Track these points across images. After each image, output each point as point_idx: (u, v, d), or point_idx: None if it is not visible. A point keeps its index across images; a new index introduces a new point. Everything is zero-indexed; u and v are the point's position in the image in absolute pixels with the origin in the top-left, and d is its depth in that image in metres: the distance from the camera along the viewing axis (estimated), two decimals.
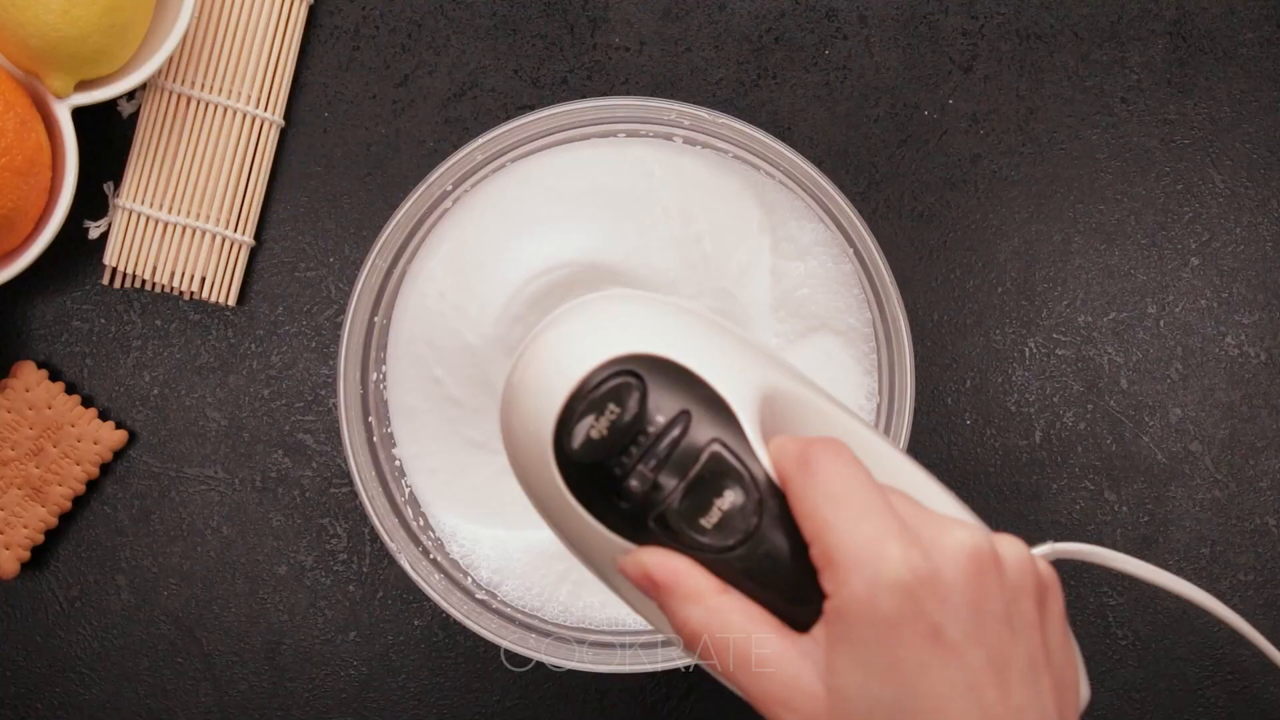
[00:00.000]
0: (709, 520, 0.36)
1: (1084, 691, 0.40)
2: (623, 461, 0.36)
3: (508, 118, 0.58)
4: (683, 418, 0.36)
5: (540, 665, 0.59)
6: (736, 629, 0.35)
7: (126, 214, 0.60)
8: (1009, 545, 0.36)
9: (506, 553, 0.57)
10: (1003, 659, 0.34)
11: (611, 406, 0.36)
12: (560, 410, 0.37)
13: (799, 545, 0.36)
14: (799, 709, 0.35)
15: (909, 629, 0.33)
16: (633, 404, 0.36)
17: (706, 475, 0.36)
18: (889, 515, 0.35)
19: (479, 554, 0.57)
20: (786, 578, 0.36)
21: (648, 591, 0.37)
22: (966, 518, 0.39)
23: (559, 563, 0.56)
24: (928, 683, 0.33)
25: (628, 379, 0.37)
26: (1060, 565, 0.60)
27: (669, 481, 0.36)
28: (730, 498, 0.36)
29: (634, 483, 0.36)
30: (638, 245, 0.55)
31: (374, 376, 0.56)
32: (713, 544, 0.36)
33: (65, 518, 0.61)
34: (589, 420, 0.37)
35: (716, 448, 0.36)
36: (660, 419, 0.36)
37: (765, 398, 0.38)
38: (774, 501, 0.36)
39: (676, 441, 0.36)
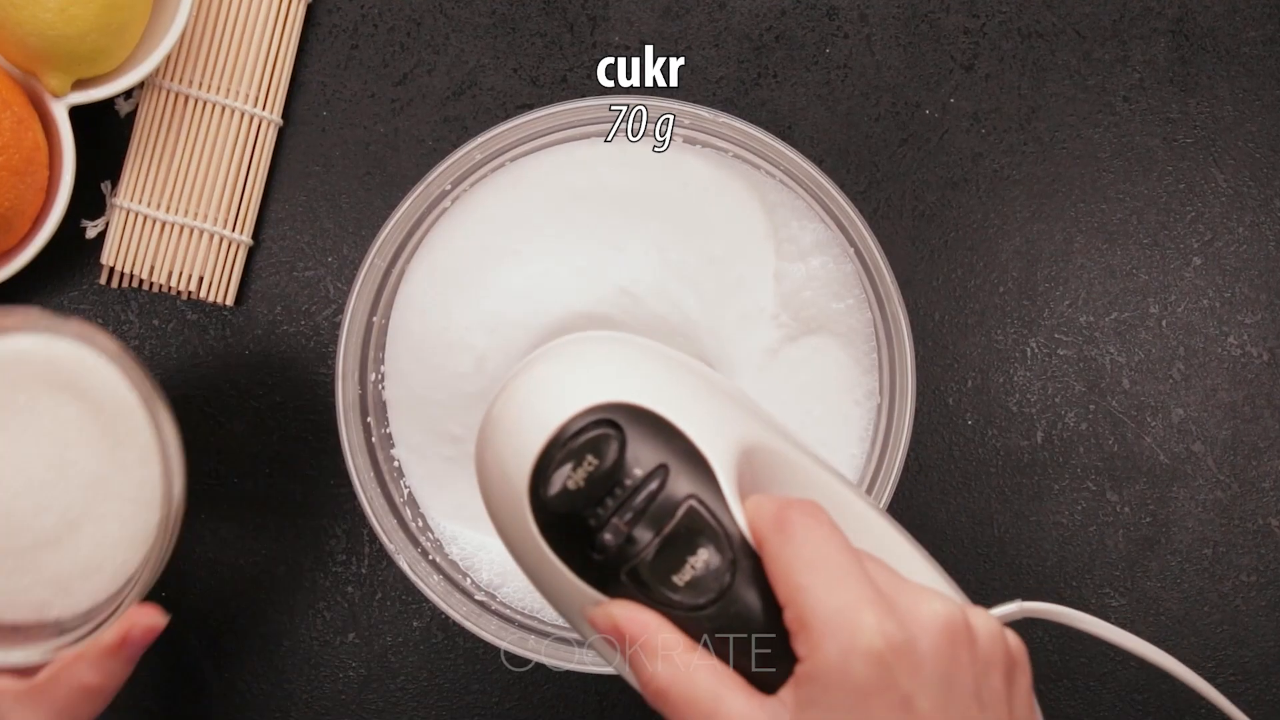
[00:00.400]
0: (681, 577, 0.36)
1: None
2: (598, 513, 0.36)
3: (507, 117, 0.57)
4: (660, 471, 0.36)
5: (540, 667, 0.59)
6: (704, 689, 0.35)
7: (124, 213, 0.60)
8: (981, 618, 0.37)
9: (507, 555, 0.56)
10: None
11: (590, 457, 0.36)
12: (538, 456, 0.37)
13: (771, 606, 0.36)
14: None
15: (880, 698, 0.34)
16: (611, 454, 0.36)
17: (681, 532, 0.36)
18: (864, 583, 0.35)
19: (479, 555, 0.57)
20: (755, 639, 0.36)
21: (616, 644, 0.37)
22: (942, 585, 0.40)
23: None
24: None
25: (607, 430, 0.37)
26: (1064, 559, 0.60)
27: (644, 535, 0.36)
28: (704, 556, 0.36)
29: (608, 536, 0.36)
30: (641, 249, 0.55)
31: (373, 377, 0.56)
32: (684, 601, 0.36)
33: None
34: (566, 469, 0.36)
35: (693, 504, 0.36)
36: (638, 472, 0.36)
37: (744, 452, 0.38)
38: (747, 561, 0.36)
39: (653, 495, 0.36)
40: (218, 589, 0.61)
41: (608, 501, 0.36)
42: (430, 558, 0.56)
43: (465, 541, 0.57)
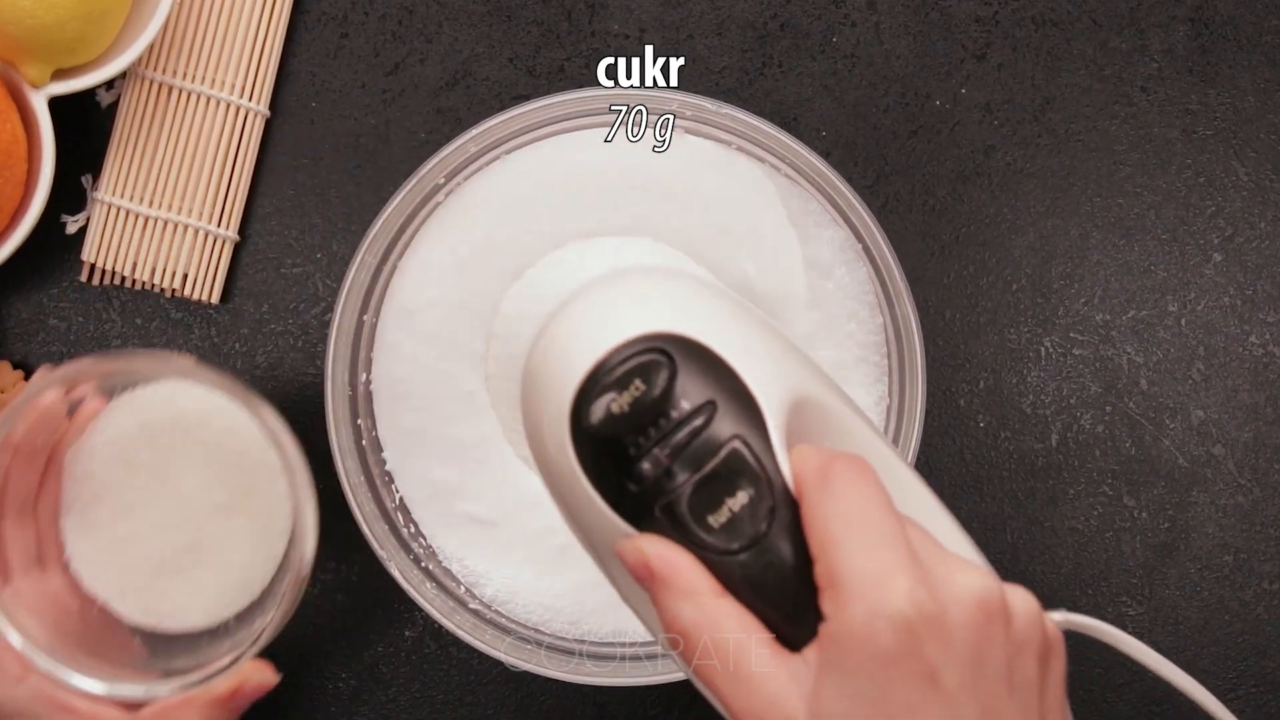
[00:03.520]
0: (717, 519, 0.36)
1: None
2: (639, 442, 0.36)
3: (502, 108, 0.57)
4: (708, 408, 0.36)
5: (537, 678, 0.58)
6: (727, 636, 0.35)
7: (105, 208, 0.60)
8: (1020, 598, 0.36)
9: (508, 567, 0.56)
10: (995, 714, 0.34)
11: (638, 382, 0.36)
12: (585, 377, 0.37)
13: (805, 560, 0.35)
14: None
15: (904, 667, 0.33)
16: (660, 384, 0.36)
17: (722, 471, 0.36)
18: (902, 546, 0.34)
19: (475, 561, 0.57)
20: (787, 592, 0.36)
21: (643, 581, 0.36)
22: (980, 563, 0.39)
23: (560, 573, 0.56)
24: None
25: (658, 357, 0.36)
26: (1079, 566, 0.60)
27: (683, 471, 0.36)
28: (743, 499, 0.36)
29: (647, 465, 0.36)
30: (649, 244, 0.55)
31: (363, 378, 0.56)
32: (717, 544, 0.36)
33: None
34: (611, 394, 0.36)
35: (737, 445, 0.36)
36: (685, 405, 0.36)
37: (796, 403, 0.38)
38: (787, 511, 0.36)
39: (698, 431, 0.36)
40: None
41: (650, 431, 0.36)
42: (423, 565, 0.56)
43: (466, 553, 0.57)
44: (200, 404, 0.52)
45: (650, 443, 0.36)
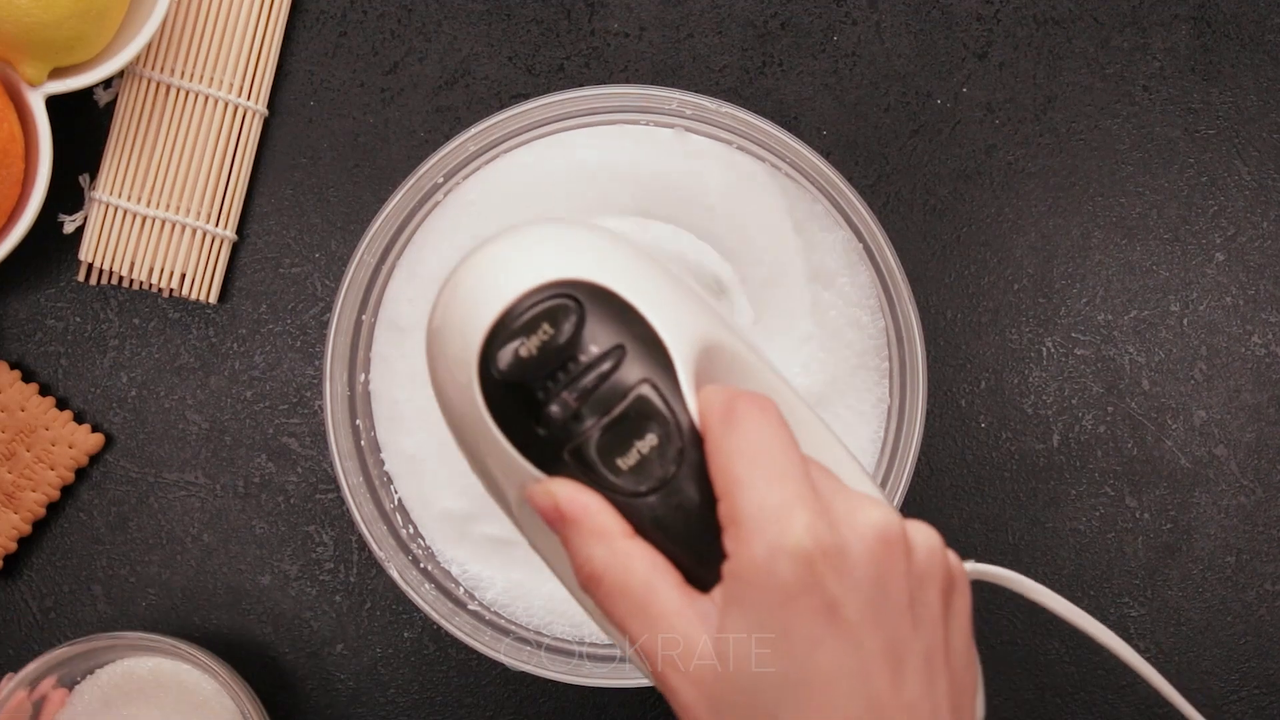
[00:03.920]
0: (626, 461, 0.36)
1: (979, 709, 0.39)
2: (547, 386, 0.36)
3: (501, 107, 0.58)
4: (616, 352, 0.36)
5: (536, 679, 0.58)
6: (638, 577, 0.35)
7: (103, 207, 0.60)
8: (921, 532, 0.36)
9: (509, 571, 0.56)
10: (899, 648, 0.34)
11: (545, 326, 0.36)
12: (493, 324, 0.37)
13: (713, 502, 0.36)
14: (686, 670, 0.35)
15: (804, 600, 0.33)
16: (568, 328, 0.36)
17: (631, 414, 0.36)
18: (803, 482, 0.35)
19: (475, 567, 0.57)
20: (696, 533, 0.36)
21: (553, 524, 0.36)
22: (882, 500, 0.39)
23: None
24: (817, 659, 0.33)
25: (567, 302, 0.36)
26: (1081, 567, 0.60)
27: (591, 415, 0.36)
28: (651, 441, 0.36)
29: (555, 408, 0.36)
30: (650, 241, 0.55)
31: (361, 378, 0.56)
32: (626, 486, 0.36)
33: (39, 525, 0.60)
34: (519, 339, 0.36)
35: (645, 389, 0.36)
36: (594, 349, 0.36)
37: (705, 350, 0.38)
38: (695, 453, 0.36)
39: (606, 375, 0.36)
40: (201, 598, 0.60)
41: (559, 376, 0.36)
42: (421, 565, 0.56)
43: (466, 555, 0.57)
44: (155, 670, 0.57)
45: (558, 387, 0.36)
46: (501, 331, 0.36)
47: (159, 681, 0.57)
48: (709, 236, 0.55)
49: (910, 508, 0.60)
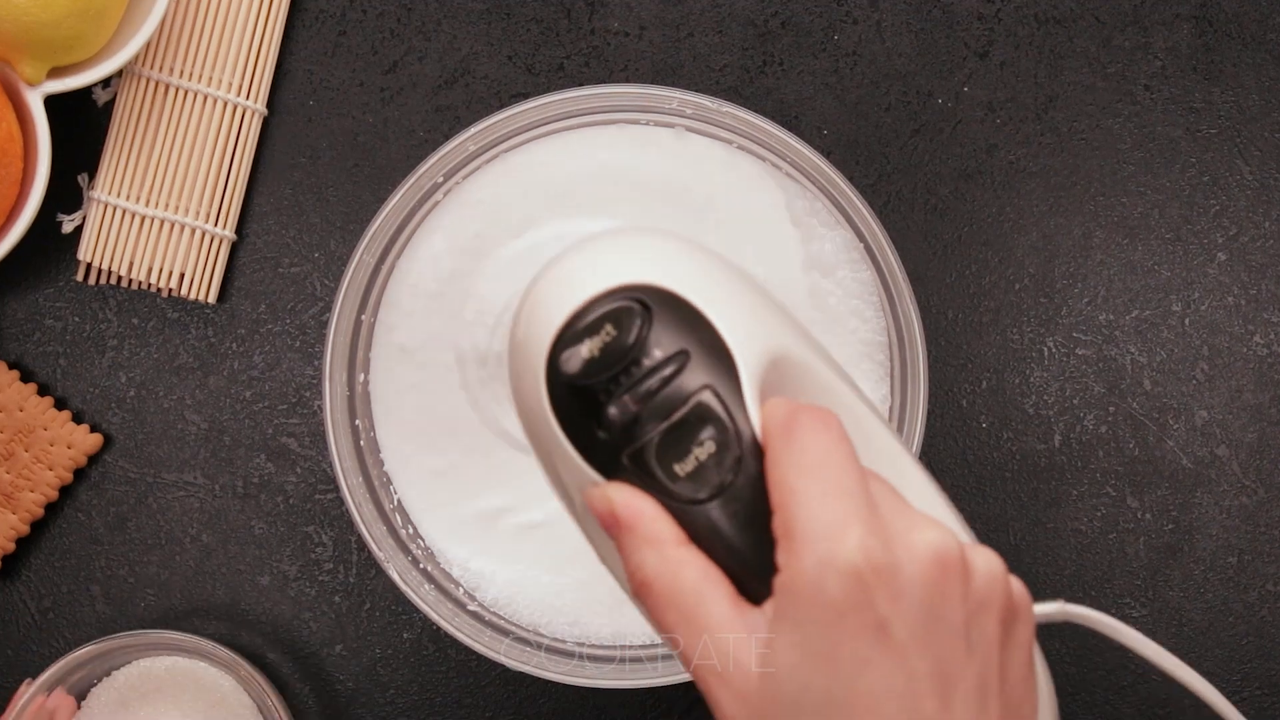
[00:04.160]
0: (684, 467, 0.36)
1: None
2: (609, 388, 0.36)
3: (501, 106, 0.57)
4: (680, 357, 0.36)
5: (536, 680, 0.58)
6: (688, 585, 0.35)
7: (102, 207, 0.60)
8: (983, 557, 0.35)
9: (508, 572, 0.56)
10: (950, 673, 0.33)
11: (609, 328, 0.36)
12: (562, 325, 0.37)
13: (769, 513, 0.35)
14: (730, 682, 0.34)
15: (854, 618, 0.33)
16: (632, 331, 0.36)
17: (691, 420, 0.36)
18: (860, 499, 0.34)
19: (476, 567, 0.57)
20: (750, 544, 0.36)
21: (609, 528, 0.36)
22: (951, 522, 0.39)
23: (562, 571, 0.56)
24: (864, 679, 0.33)
25: (633, 305, 0.37)
26: (1082, 568, 0.60)
27: (652, 419, 0.36)
28: (710, 449, 0.36)
29: (614, 410, 0.36)
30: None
31: (361, 378, 0.56)
32: (683, 493, 0.36)
33: (37, 525, 0.60)
34: (585, 341, 0.37)
35: (707, 396, 0.36)
36: (658, 353, 0.36)
37: (773, 360, 0.38)
38: (754, 463, 0.36)
39: (668, 379, 0.36)
40: (198, 599, 0.60)
41: (621, 378, 0.36)
42: (421, 566, 0.56)
43: (465, 551, 0.56)
44: (173, 669, 0.59)
45: (620, 390, 0.36)
46: (568, 333, 0.37)
47: (176, 680, 0.58)
48: (709, 237, 0.55)
49: None
